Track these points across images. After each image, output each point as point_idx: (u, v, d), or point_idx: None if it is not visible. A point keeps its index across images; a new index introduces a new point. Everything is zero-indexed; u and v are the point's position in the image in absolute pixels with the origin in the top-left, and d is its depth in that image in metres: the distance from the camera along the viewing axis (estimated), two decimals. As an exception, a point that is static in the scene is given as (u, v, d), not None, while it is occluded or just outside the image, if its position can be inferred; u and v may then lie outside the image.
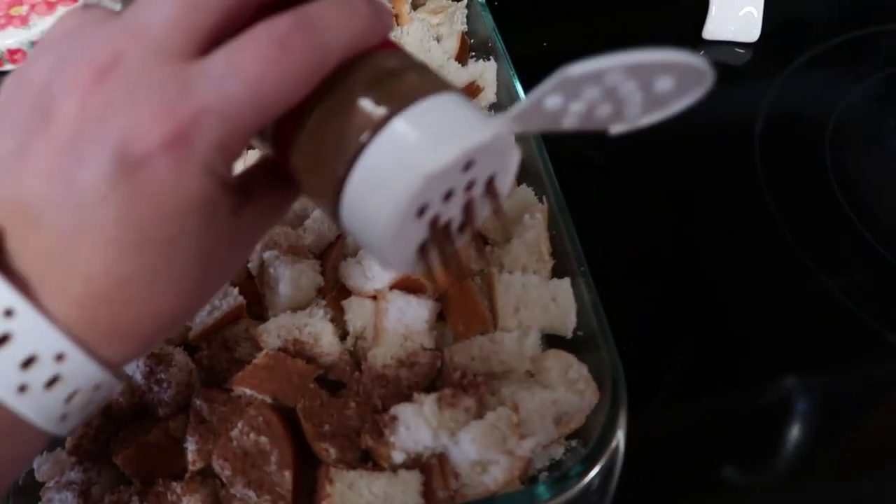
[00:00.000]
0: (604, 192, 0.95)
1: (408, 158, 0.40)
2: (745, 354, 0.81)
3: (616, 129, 0.43)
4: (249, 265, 0.74)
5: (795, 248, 0.88)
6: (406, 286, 0.69)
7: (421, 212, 0.42)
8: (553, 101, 0.38)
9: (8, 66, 1.20)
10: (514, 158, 0.46)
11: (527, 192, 0.77)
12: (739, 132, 1.00)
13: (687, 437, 0.76)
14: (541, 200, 0.77)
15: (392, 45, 0.46)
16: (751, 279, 0.87)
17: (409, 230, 0.43)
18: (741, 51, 1.09)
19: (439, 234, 0.45)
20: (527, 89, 0.87)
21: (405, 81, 0.42)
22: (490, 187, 0.46)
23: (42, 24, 1.18)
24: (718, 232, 0.91)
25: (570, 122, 0.41)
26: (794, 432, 0.76)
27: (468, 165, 0.42)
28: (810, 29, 1.12)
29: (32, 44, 1.18)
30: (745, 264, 0.89)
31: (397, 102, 0.40)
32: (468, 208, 0.46)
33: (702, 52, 1.11)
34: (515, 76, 0.87)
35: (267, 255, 0.72)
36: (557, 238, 0.74)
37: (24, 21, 1.18)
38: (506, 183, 0.48)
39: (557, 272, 0.73)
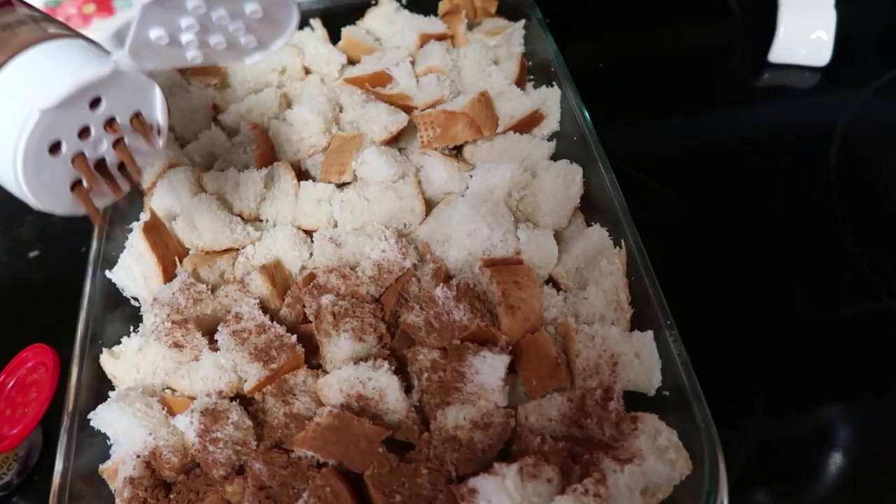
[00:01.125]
0: (671, 221, 0.90)
1: (22, 97, 0.43)
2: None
3: (250, 59, 0.51)
4: (306, 311, 0.69)
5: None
6: (477, 337, 0.63)
7: (54, 148, 0.46)
8: (156, 33, 0.44)
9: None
10: (156, 94, 0.50)
11: (601, 233, 0.72)
12: (812, 159, 0.95)
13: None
14: (616, 244, 0.71)
15: (9, 4, 0.48)
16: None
17: (49, 168, 0.46)
18: (811, 75, 1.03)
19: (87, 171, 0.48)
20: (591, 112, 0.82)
21: (17, 34, 0.45)
22: (138, 124, 0.50)
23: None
24: (795, 260, 0.86)
25: (192, 56, 0.48)
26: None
27: (96, 102, 0.46)
28: (884, 52, 1.06)
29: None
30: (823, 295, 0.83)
31: (8, 51, 0.44)
32: (119, 147, 0.50)
33: (767, 76, 1.05)
34: (583, 105, 0.82)
35: (325, 300, 0.68)
36: (636, 284, 0.69)
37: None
38: (154, 118, 0.52)
39: (637, 322, 0.68)
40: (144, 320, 0.73)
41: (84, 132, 0.47)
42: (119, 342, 0.70)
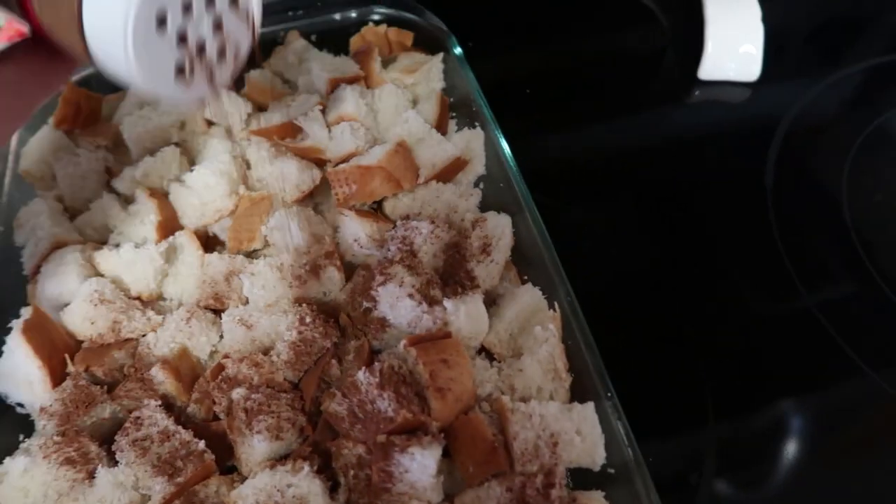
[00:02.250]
0: (596, 240, 0.87)
1: None
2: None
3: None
4: (216, 408, 0.62)
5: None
6: (405, 427, 0.58)
7: (161, 22, 0.48)
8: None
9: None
10: None
11: (533, 293, 0.67)
12: (747, 175, 0.93)
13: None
14: (550, 302, 0.67)
15: None
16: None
17: (156, 46, 0.48)
18: (741, 90, 1.00)
19: (191, 53, 0.50)
20: (517, 148, 0.77)
21: None
22: (234, 4, 0.52)
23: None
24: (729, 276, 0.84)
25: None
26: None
27: None
28: (812, 65, 1.04)
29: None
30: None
31: None
32: (218, 28, 0.51)
33: (697, 93, 1.03)
34: (507, 150, 0.77)
35: (236, 394, 0.61)
36: (573, 349, 0.65)
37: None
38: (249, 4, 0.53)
39: (576, 389, 0.64)
40: (36, 427, 0.65)
41: (188, 6, 0.49)
42: (8, 454, 0.62)
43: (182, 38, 0.50)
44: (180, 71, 0.50)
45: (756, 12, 0.98)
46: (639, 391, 0.61)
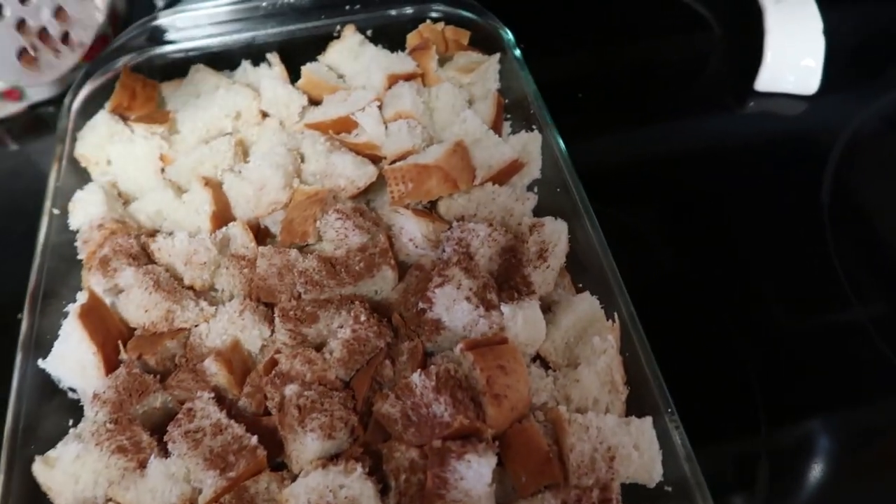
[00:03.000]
0: (652, 252, 0.86)
1: None
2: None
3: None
4: (269, 403, 0.62)
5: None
6: (461, 433, 0.57)
7: None
8: None
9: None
10: None
11: (591, 302, 0.66)
12: (804, 189, 0.91)
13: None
14: (608, 312, 0.66)
15: None
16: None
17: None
18: (799, 104, 0.98)
19: (32, 38, 0.54)
20: (570, 152, 0.76)
21: None
22: None
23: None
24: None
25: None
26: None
27: None
28: (874, 82, 1.01)
29: (1, 94, 1.04)
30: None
31: None
32: (60, 15, 0.57)
33: (752, 104, 1.00)
34: (567, 154, 0.76)
35: (289, 391, 0.61)
36: (630, 361, 0.63)
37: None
38: None
39: (633, 403, 0.62)
40: (85, 413, 0.65)
41: None
42: (56, 439, 0.63)
43: (21, 24, 0.54)
44: (23, 54, 0.56)
45: (818, 24, 0.96)
46: (694, 400, 0.60)
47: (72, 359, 0.63)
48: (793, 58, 0.96)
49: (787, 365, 0.77)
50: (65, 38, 0.61)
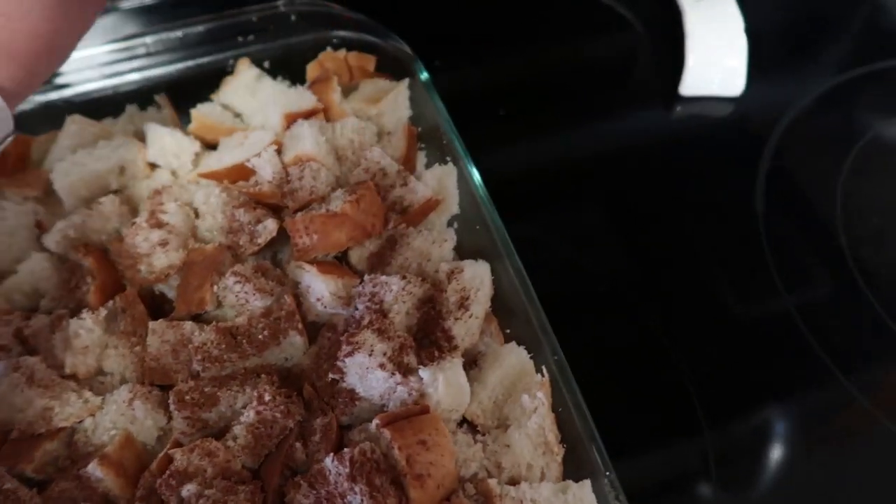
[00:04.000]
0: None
1: None
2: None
3: None
4: (161, 510, 0.55)
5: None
6: (381, 523, 0.51)
7: None
8: None
9: None
10: None
11: (518, 354, 0.61)
12: (736, 194, 0.88)
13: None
14: (537, 364, 0.60)
15: None
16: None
17: None
18: (726, 105, 0.95)
19: None
20: (486, 180, 0.71)
21: None
22: None
23: None
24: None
25: None
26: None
27: None
28: (798, 79, 0.99)
29: None
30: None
31: None
32: None
33: (679, 108, 0.97)
34: (484, 189, 0.70)
35: (186, 491, 0.54)
36: (563, 415, 0.58)
37: None
38: None
39: (569, 462, 0.57)
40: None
41: None
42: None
43: None
44: None
45: (739, 24, 0.93)
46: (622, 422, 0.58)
47: (-69, 478, 0.55)
48: (715, 59, 0.93)
49: (720, 361, 0.75)
50: None
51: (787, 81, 0.98)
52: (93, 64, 0.83)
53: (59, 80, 0.82)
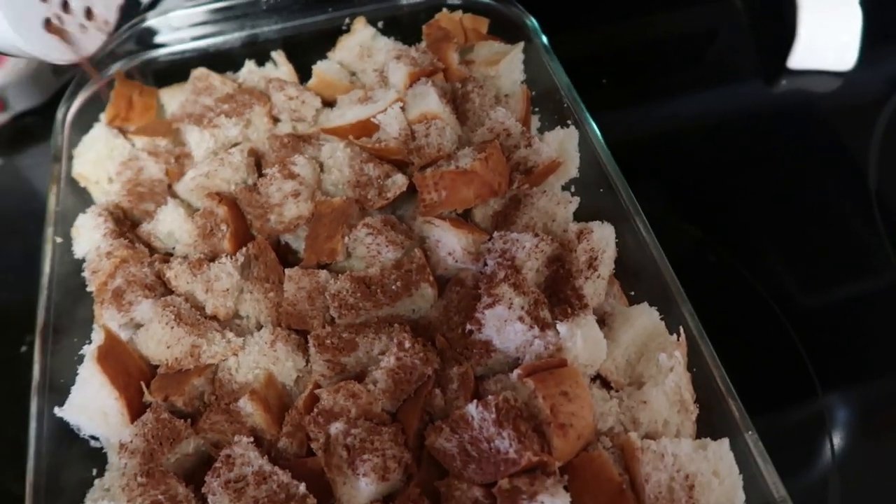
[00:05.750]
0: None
1: None
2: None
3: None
4: (312, 444, 0.57)
5: None
6: (526, 468, 0.52)
7: None
8: None
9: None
10: None
11: (650, 315, 0.61)
12: (849, 173, 0.86)
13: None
14: (669, 327, 0.61)
15: None
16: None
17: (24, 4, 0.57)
18: (835, 80, 0.93)
19: (54, 6, 0.61)
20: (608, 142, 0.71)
21: None
22: None
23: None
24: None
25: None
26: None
27: None
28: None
29: None
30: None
31: None
32: None
33: (784, 82, 0.96)
34: (608, 151, 0.70)
35: (334, 429, 0.56)
36: (699, 376, 0.59)
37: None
38: None
39: (705, 422, 0.58)
40: (110, 460, 0.60)
41: None
42: (79, 490, 0.58)
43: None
44: (48, 24, 0.60)
45: (854, -4, 0.91)
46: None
47: (92, 406, 0.58)
48: (828, 32, 0.91)
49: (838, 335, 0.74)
50: (88, 14, 0.64)
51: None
52: (210, 20, 0.85)
53: (182, 36, 0.84)
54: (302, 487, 0.54)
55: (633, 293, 0.66)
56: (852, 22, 0.90)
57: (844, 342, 0.74)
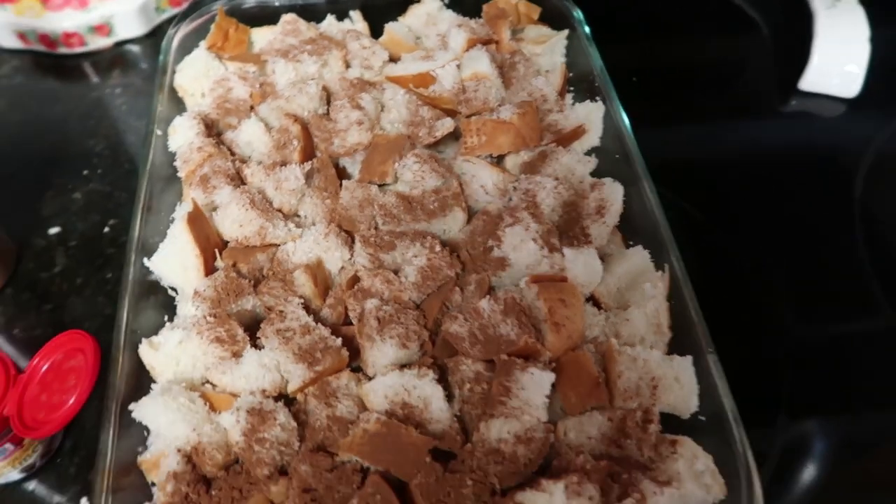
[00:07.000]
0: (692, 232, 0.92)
1: None
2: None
3: None
4: (350, 313, 0.69)
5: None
6: (522, 352, 0.64)
7: None
8: None
9: (63, 49, 1.13)
10: None
11: (643, 255, 0.73)
12: (837, 186, 0.97)
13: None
14: (658, 267, 0.72)
15: None
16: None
17: None
18: (839, 105, 1.05)
19: None
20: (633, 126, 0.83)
21: None
22: None
23: (102, 9, 1.11)
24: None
25: None
26: None
27: None
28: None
29: (92, 28, 1.12)
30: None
31: None
32: None
33: (794, 102, 1.07)
34: (629, 124, 0.82)
35: (369, 304, 0.68)
36: (678, 309, 0.70)
37: (83, 3, 1.11)
38: None
39: (676, 348, 0.69)
40: (179, 311, 0.73)
41: None
42: (153, 331, 0.70)
43: None
44: None
45: (865, 32, 1.02)
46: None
47: (175, 260, 0.71)
48: (838, 62, 1.02)
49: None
50: None
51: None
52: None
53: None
54: (338, 341, 0.66)
55: (631, 243, 0.78)
56: (861, 54, 1.01)
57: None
